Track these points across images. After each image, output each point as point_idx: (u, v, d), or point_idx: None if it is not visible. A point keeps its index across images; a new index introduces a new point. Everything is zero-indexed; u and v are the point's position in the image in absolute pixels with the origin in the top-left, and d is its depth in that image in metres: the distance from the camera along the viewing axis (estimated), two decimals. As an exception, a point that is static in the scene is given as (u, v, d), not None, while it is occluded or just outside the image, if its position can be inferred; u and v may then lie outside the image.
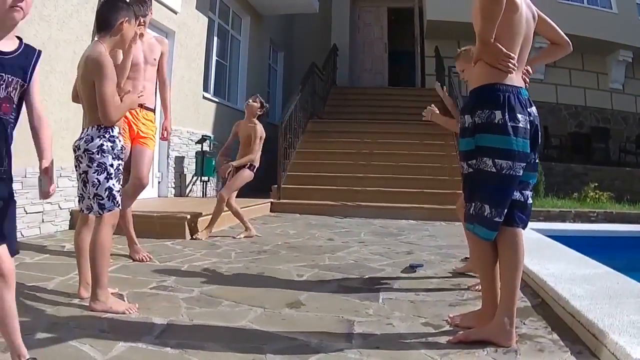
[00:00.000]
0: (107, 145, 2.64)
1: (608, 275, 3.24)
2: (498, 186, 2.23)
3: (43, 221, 4.70)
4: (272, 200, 7.98)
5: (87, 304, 2.59)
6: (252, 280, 3.40)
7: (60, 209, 4.91)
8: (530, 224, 2.44)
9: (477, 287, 3.33)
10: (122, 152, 2.75)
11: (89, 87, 2.65)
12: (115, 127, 2.70)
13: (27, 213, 4.50)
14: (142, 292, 2.97)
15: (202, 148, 7.85)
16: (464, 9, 11.75)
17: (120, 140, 2.72)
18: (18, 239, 4.44)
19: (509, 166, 2.20)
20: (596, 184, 9.44)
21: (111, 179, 2.66)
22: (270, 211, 7.76)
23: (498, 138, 2.19)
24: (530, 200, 2.38)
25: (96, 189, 2.63)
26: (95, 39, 2.79)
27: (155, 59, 3.95)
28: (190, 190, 7.99)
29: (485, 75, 2.27)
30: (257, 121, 5.33)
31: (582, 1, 12.55)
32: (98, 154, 2.62)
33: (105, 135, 2.65)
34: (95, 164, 2.62)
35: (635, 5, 12.71)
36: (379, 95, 12.48)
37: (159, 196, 7.14)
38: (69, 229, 4.95)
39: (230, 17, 9.86)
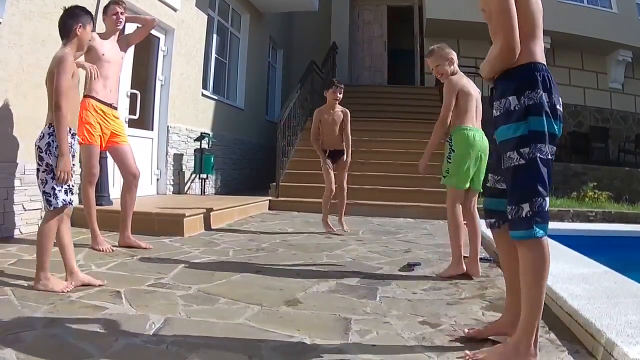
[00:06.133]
0: (54, 146, 2.79)
1: (606, 275, 3.24)
2: (549, 175, 1.99)
3: (41, 218, 4.68)
4: (270, 198, 7.98)
5: (83, 301, 2.61)
6: (249, 278, 3.40)
7: (59, 205, 4.89)
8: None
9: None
10: (72, 151, 2.88)
11: (51, 83, 2.82)
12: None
13: (25, 210, 4.49)
14: (140, 289, 2.97)
15: (200, 145, 7.84)
16: (463, 7, 11.75)
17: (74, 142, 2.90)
18: (16, 236, 4.44)
19: (553, 152, 2.03)
20: (595, 184, 9.45)
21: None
22: (269, 209, 7.76)
23: (550, 122, 1.98)
24: None
25: (44, 187, 2.81)
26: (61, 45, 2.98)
27: (122, 58, 4.29)
28: (189, 188, 7.98)
29: (521, 52, 1.99)
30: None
31: (582, 1, 12.54)
32: (45, 153, 2.80)
33: (54, 134, 2.80)
34: (44, 164, 2.80)
35: (635, 5, 12.71)
36: (378, 93, 12.46)
37: (157, 193, 7.13)
38: (67, 225, 4.96)
39: (230, 14, 9.84)
